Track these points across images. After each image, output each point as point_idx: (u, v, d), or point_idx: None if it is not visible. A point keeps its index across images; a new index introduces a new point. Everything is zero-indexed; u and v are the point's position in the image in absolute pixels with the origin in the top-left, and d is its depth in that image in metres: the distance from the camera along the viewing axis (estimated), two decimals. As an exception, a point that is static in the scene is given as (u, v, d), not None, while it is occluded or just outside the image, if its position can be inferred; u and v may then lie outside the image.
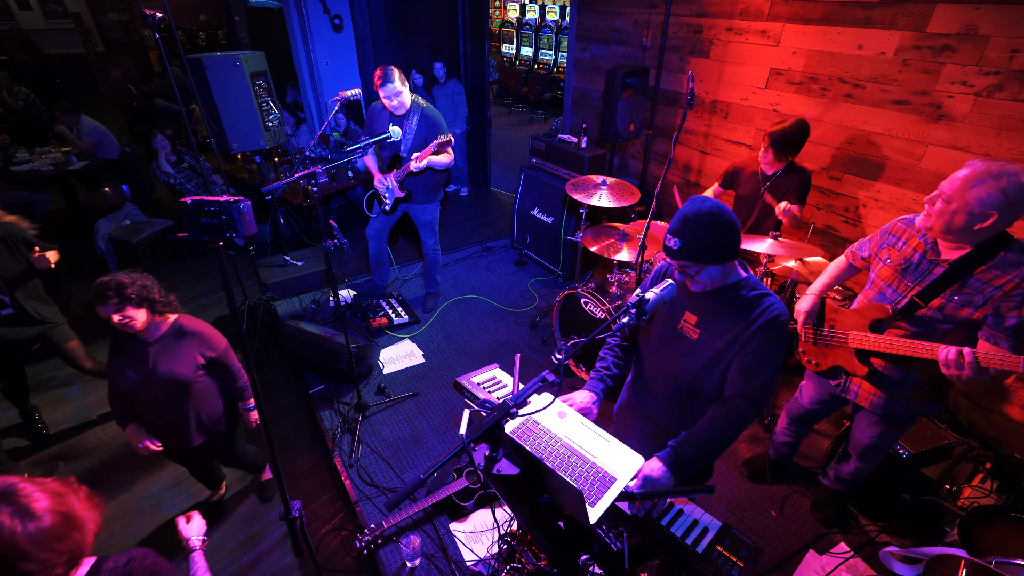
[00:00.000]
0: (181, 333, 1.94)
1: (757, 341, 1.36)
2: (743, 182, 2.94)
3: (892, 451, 2.31)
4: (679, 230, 1.32)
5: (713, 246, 1.31)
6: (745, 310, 1.38)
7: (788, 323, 1.38)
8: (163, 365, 1.90)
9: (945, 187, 1.50)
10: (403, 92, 3.00)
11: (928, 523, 2.24)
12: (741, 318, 1.38)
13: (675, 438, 1.47)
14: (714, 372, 1.45)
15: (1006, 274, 1.47)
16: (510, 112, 10.70)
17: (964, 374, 1.47)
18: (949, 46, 2.50)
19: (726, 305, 1.41)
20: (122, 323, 1.76)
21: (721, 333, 1.41)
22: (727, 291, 1.41)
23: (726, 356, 1.41)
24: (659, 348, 1.57)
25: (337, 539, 2.39)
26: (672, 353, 1.53)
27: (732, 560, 1.20)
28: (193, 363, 1.95)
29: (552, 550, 1.38)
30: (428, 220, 3.56)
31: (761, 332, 1.35)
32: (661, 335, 1.56)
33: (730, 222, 1.31)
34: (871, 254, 1.85)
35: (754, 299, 1.38)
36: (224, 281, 1.17)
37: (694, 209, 1.31)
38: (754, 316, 1.36)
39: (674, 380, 1.54)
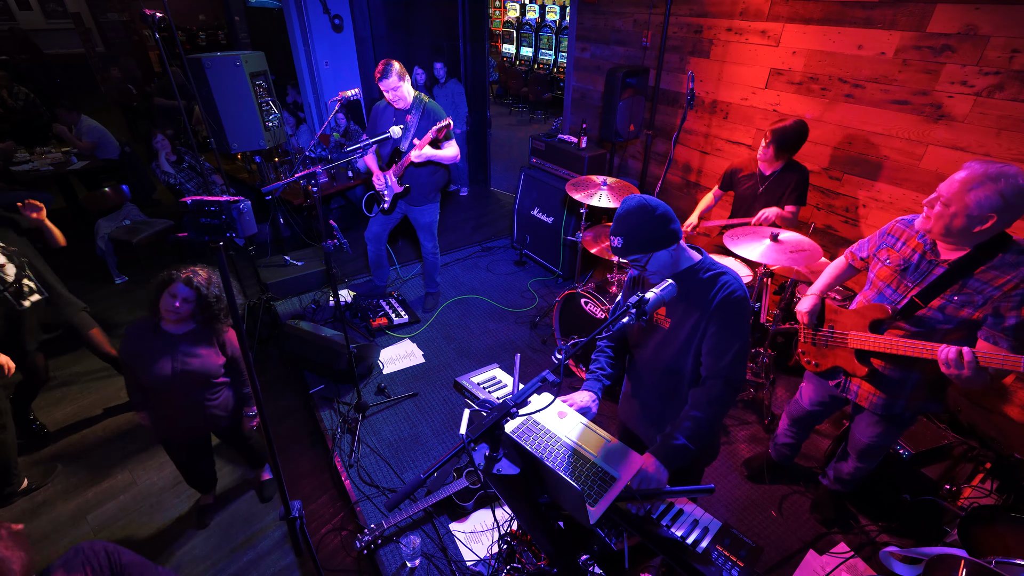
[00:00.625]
0: (207, 331, 2.05)
1: (718, 320, 1.41)
2: (741, 182, 2.94)
3: (892, 451, 2.31)
4: (617, 229, 1.41)
5: (648, 233, 1.39)
6: (703, 291, 1.43)
7: (746, 297, 1.42)
8: (194, 360, 1.99)
9: (943, 190, 1.50)
10: (402, 86, 2.99)
11: (928, 523, 2.24)
12: (701, 299, 1.43)
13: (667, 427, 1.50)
14: (688, 355, 1.50)
15: (1005, 274, 1.47)
16: (510, 112, 10.70)
17: (964, 374, 1.47)
18: (949, 46, 2.50)
19: (688, 289, 1.45)
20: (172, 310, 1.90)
21: (687, 317, 1.47)
22: (683, 276, 1.46)
23: (695, 338, 1.47)
24: (640, 341, 1.65)
25: (337, 539, 2.39)
26: (651, 344, 1.60)
27: (732, 560, 1.20)
28: (218, 358, 2.07)
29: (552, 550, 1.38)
30: (427, 223, 3.55)
31: (720, 310, 1.40)
32: (642, 330, 1.63)
33: (658, 209, 1.39)
34: (870, 255, 1.85)
35: (710, 280, 1.44)
36: (224, 281, 1.17)
37: (625, 207, 1.41)
38: (711, 295, 1.41)
39: (657, 368, 1.60)
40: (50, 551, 2.31)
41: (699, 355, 1.48)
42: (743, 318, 1.42)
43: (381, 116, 3.20)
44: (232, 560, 2.30)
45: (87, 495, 2.58)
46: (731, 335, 1.41)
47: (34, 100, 6.78)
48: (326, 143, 5.06)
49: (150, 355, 1.95)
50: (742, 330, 1.42)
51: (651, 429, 1.70)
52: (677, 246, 1.43)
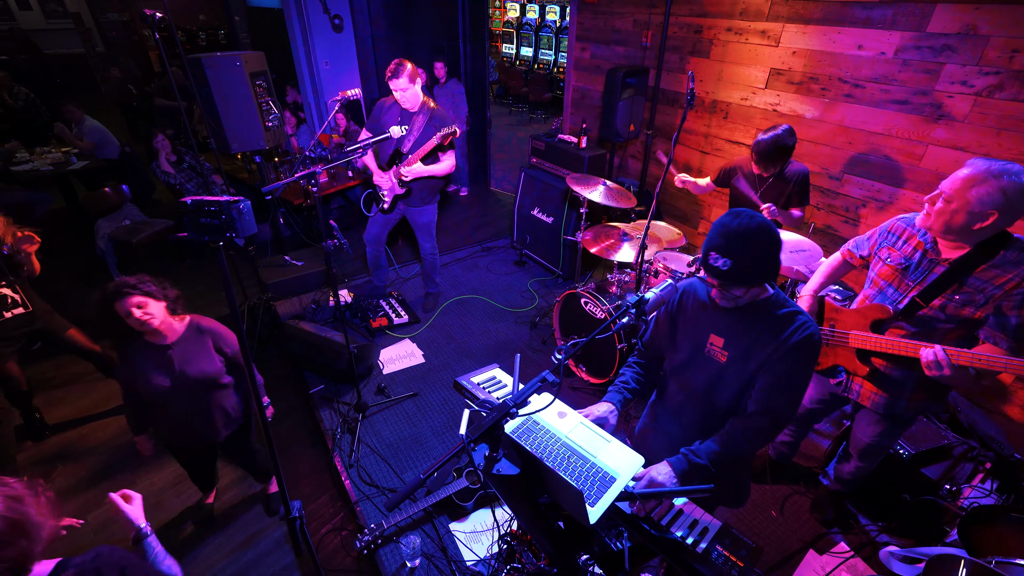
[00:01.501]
0: (200, 331, 1.97)
1: (787, 360, 1.30)
2: (740, 183, 2.93)
3: (892, 451, 2.31)
4: (726, 247, 1.21)
5: (767, 266, 1.23)
6: (777, 329, 1.31)
7: (820, 343, 1.33)
8: (192, 366, 1.91)
9: (945, 186, 1.50)
10: (411, 88, 2.97)
11: (928, 523, 2.24)
12: (773, 338, 1.31)
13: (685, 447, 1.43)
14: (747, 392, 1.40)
15: (1007, 273, 1.47)
16: (510, 112, 10.70)
17: (944, 373, 1.49)
18: (949, 46, 2.50)
19: (757, 324, 1.34)
20: (141, 319, 1.74)
21: (753, 354, 1.35)
22: (757, 308, 1.34)
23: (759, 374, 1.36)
24: (686, 373, 1.52)
25: (337, 539, 2.39)
26: (701, 378, 1.47)
27: (732, 560, 1.20)
28: (216, 360, 1.99)
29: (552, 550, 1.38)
30: (425, 223, 3.55)
31: (794, 351, 1.29)
32: (686, 360, 1.50)
33: (779, 239, 1.23)
34: (870, 253, 1.85)
35: (786, 317, 1.32)
36: (224, 281, 1.17)
37: (743, 224, 1.20)
38: (787, 335, 1.30)
39: (704, 405, 1.49)
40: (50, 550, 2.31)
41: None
42: (812, 362, 1.34)
43: (386, 113, 3.18)
44: (232, 560, 2.30)
45: (87, 495, 2.58)
46: (798, 378, 1.33)
47: (34, 100, 6.78)
48: (326, 143, 5.06)
49: (145, 371, 1.87)
50: (807, 375, 1.34)
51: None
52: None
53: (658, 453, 1.65)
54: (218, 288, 4.30)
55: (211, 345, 1.99)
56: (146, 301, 1.77)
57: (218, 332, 2.02)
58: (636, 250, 2.85)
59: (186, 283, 4.39)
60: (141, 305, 1.75)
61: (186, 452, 2.23)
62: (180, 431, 2.07)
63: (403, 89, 2.95)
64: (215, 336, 2.00)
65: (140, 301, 1.75)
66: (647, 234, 2.78)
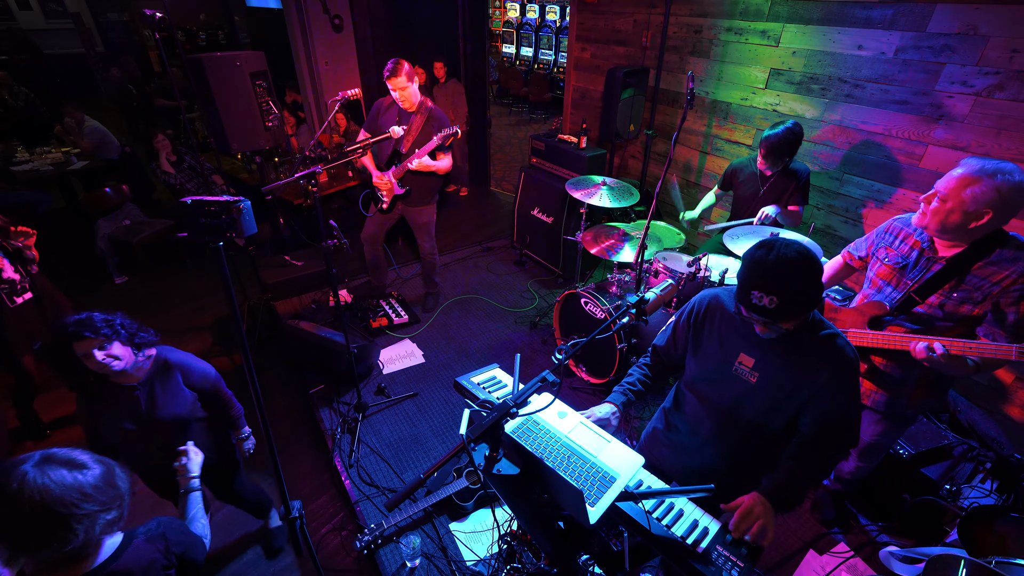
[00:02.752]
0: (167, 368, 1.76)
1: (836, 387, 1.28)
2: (742, 182, 2.94)
3: (892, 451, 2.31)
4: (770, 286, 1.13)
5: (812, 295, 1.16)
6: (816, 354, 1.28)
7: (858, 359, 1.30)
8: (162, 409, 1.72)
9: (940, 185, 1.51)
10: (410, 87, 2.97)
11: (928, 523, 2.24)
12: (811, 362, 1.28)
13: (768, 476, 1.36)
14: (778, 415, 1.36)
15: (1003, 270, 1.48)
16: (510, 112, 10.70)
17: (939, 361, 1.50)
18: (949, 46, 2.50)
19: (793, 348, 1.30)
20: (103, 362, 1.54)
21: (787, 375, 1.31)
22: (798, 334, 1.27)
23: (795, 399, 1.32)
24: (708, 389, 1.49)
25: (337, 539, 2.39)
26: (725, 395, 1.43)
27: (732, 560, 1.20)
28: (188, 397, 1.80)
29: (552, 550, 1.38)
30: (424, 223, 3.55)
31: (841, 377, 1.27)
32: (710, 375, 1.46)
33: (819, 263, 1.17)
34: (868, 253, 1.86)
35: (824, 340, 1.28)
36: (224, 281, 1.17)
37: (784, 257, 1.14)
38: (828, 361, 1.27)
39: (727, 421, 1.45)
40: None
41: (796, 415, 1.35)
42: (859, 385, 1.32)
43: (384, 114, 3.18)
44: (232, 559, 2.30)
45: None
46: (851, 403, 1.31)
47: (34, 100, 6.78)
48: (326, 143, 5.06)
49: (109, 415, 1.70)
50: (859, 398, 1.33)
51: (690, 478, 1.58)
52: None
53: (669, 460, 1.64)
54: (218, 288, 4.29)
55: (181, 381, 1.79)
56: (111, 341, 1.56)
57: (188, 366, 1.81)
58: (636, 250, 2.85)
59: (186, 283, 4.40)
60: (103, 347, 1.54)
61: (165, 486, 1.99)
62: (152, 471, 1.88)
63: (402, 88, 2.94)
64: (184, 371, 1.80)
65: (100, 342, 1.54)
66: (646, 234, 2.78)
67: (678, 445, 1.63)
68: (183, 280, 4.46)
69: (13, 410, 2.84)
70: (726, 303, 1.44)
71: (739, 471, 1.51)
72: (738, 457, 1.50)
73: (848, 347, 1.29)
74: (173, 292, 4.28)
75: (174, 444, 1.75)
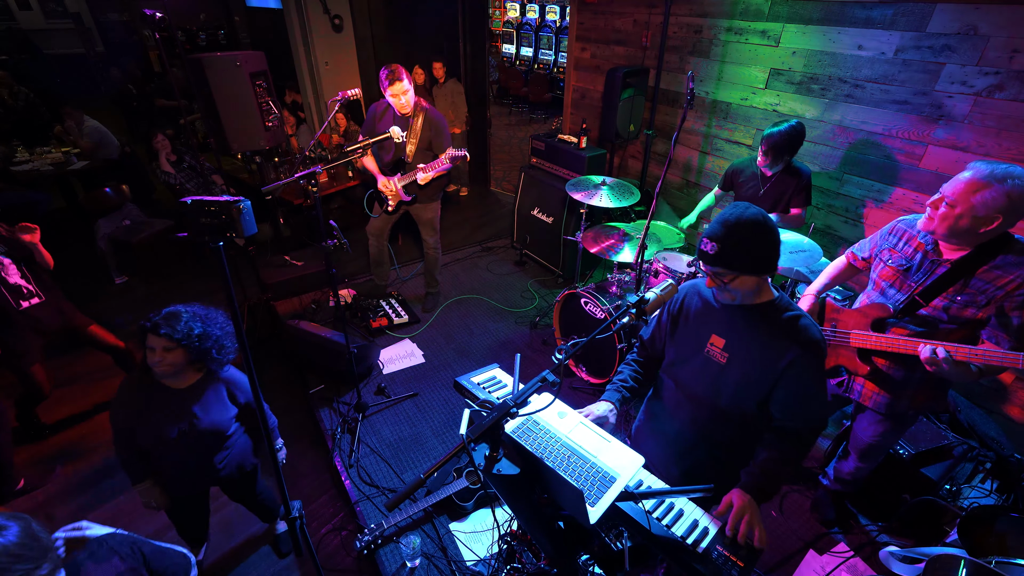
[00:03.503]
0: (216, 378, 1.80)
1: (801, 367, 1.30)
2: (743, 183, 2.94)
3: (892, 451, 2.31)
4: (718, 234, 1.26)
5: (753, 253, 1.25)
6: (781, 333, 1.32)
7: (823, 339, 1.33)
8: (205, 416, 1.74)
9: (947, 191, 1.50)
10: (410, 92, 3.00)
11: (928, 523, 2.24)
12: (777, 342, 1.32)
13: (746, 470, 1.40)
14: (749, 397, 1.39)
15: (1008, 274, 1.48)
16: (510, 112, 10.69)
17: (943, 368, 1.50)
18: (949, 46, 2.50)
19: (759, 327, 1.34)
20: (157, 362, 1.60)
21: (754, 358, 1.35)
22: (760, 311, 1.34)
23: (763, 381, 1.35)
24: (683, 373, 1.52)
25: (337, 539, 2.39)
26: (699, 378, 1.47)
27: (732, 560, 1.20)
28: (231, 410, 1.83)
29: (552, 550, 1.38)
30: (429, 219, 3.56)
31: (805, 357, 1.29)
32: (685, 359, 1.50)
33: (774, 232, 1.25)
34: (871, 255, 1.85)
35: (789, 321, 1.32)
36: (224, 281, 1.17)
37: (736, 214, 1.25)
38: (793, 340, 1.30)
39: (700, 405, 1.49)
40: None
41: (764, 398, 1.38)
42: (824, 366, 1.34)
43: (380, 120, 3.19)
44: (232, 559, 2.30)
45: (87, 495, 2.58)
46: (818, 383, 1.33)
47: (34, 100, 6.78)
48: (326, 143, 5.06)
49: (149, 416, 1.69)
50: (824, 379, 1.35)
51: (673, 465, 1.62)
52: (769, 277, 1.32)
53: (653, 450, 1.66)
54: (218, 288, 4.30)
55: (226, 393, 1.83)
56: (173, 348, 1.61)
57: (234, 380, 1.85)
58: (636, 250, 2.85)
59: (186, 283, 4.40)
60: (168, 348, 1.60)
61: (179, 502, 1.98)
62: (181, 482, 1.88)
63: (403, 93, 2.96)
64: (231, 384, 1.84)
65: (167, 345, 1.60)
66: (646, 234, 2.78)
67: (659, 433, 1.66)
68: (183, 280, 4.46)
69: (14, 410, 2.84)
70: (702, 290, 1.50)
71: (717, 457, 1.54)
72: (715, 442, 1.52)
73: (813, 327, 1.32)
74: (173, 292, 4.28)
75: (210, 454, 1.80)
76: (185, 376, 1.73)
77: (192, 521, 2.10)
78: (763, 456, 1.39)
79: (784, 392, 1.34)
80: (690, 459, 1.57)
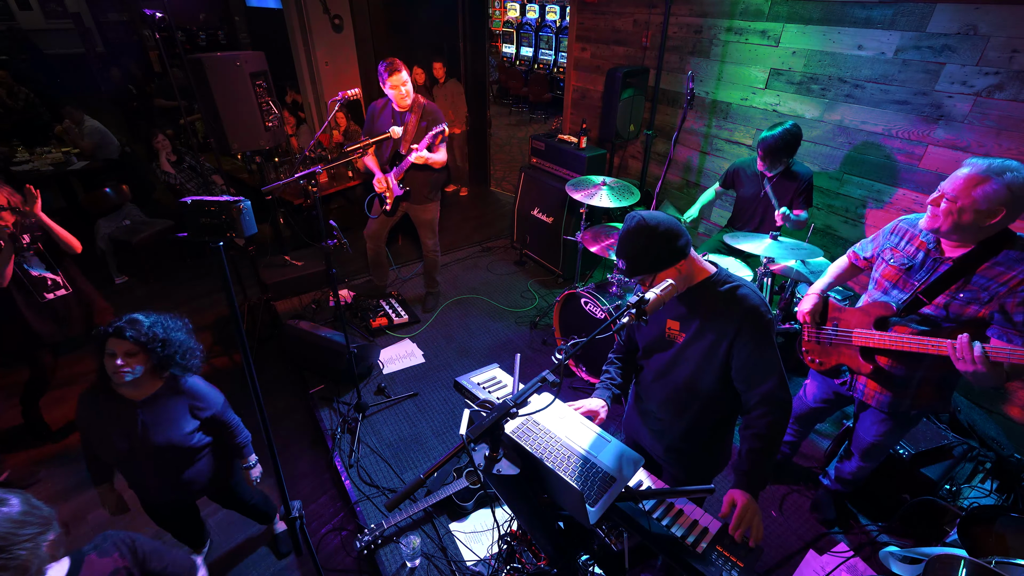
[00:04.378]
0: (176, 390, 1.71)
1: (747, 337, 1.35)
2: (744, 182, 2.94)
3: (892, 451, 2.31)
4: (620, 250, 1.39)
5: (652, 255, 1.34)
6: (723, 305, 1.38)
7: (768, 308, 1.38)
8: (158, 432, 1.65)
9: (947, 187, 1.50)
10: (409, 83, 3.01)
11: (928, 523, 2.24)
12: (720, 315, 1.38)
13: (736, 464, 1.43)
14: (707, 372, 1.45)
15: (1011, 270, 1.48)
16: (510, 112, 10.70)
17: (978, 370, 1.44)
18: (949, 46, 2.50)
19: (702, 303, 1.41)
20: (117, 368, 1.53)
21: (705, 332, 1.41)
22: (698, 289, 1.42)
23: (716, 354, 1.40)
24: (651, 357, 1.60)
25: (337, 539, 2.39)
26: (663, 360, 1.54)
27: (732, 560, 1.20)
28: (190, 424, 1.73)
29: (552, 550, 1.38)
30: (428, 220, 3.56)
31: (747, 327, 1.35)
32: (651, 345, 1.58)
33: (660, 225, 1.33)
34: (874, 255, 1.86)
35: (727, 293, 1.38)
36: (224, 281, 1.17)
37: (626, 228, 1.37)
38: (734, 311, 1.36)
39: (669, 384, 1.56)
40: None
41: (724, 375, 1.43)
42: (771, 331, 1.37)
43: (379, 118, 3.19)
44: (232, 560, 2.30)
45: (87, 495, 2.58)
46: (767, 353, 1.36)
47: (34, 100, 6.78)
48: (326, 143, 5.06)
49: (103, 426, 1.64)
50: (773, 344, 1.37)
51: (656, 443, 1.68)
52: (686, 260, 1.37)
53: (638, 430, 1.75)
54: (218, 288, 4.30)
55: (186, 407, 1.73)
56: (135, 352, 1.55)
57: (197, 393, 1.75)
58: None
59: (186, 283, 4.40)
60: (130, 353, 1.55)
61: (158, 512, 1.96)
62: (147, 493, 1.82)
63: (403, 84, 2.96)
64: (195, 396, 1.75)
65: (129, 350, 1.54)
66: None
67: (642, 413, 1.72)
68: (183, 280, 4.45)
69: (19, 407, 2.84)
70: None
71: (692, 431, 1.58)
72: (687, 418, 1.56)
73: (752, 295, 1.37)
74: (173, 292, 4.28)
75: (170, 469, 1.74)
76: (143, 386, 1.65)
77: (179, 529, 2.08)
78: (745, 448, 1.42)
79: (738, 361, 1.39)
80: (670, 435, 1.63)
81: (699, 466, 1.67)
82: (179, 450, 1.71)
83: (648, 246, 1.34)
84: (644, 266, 1.36)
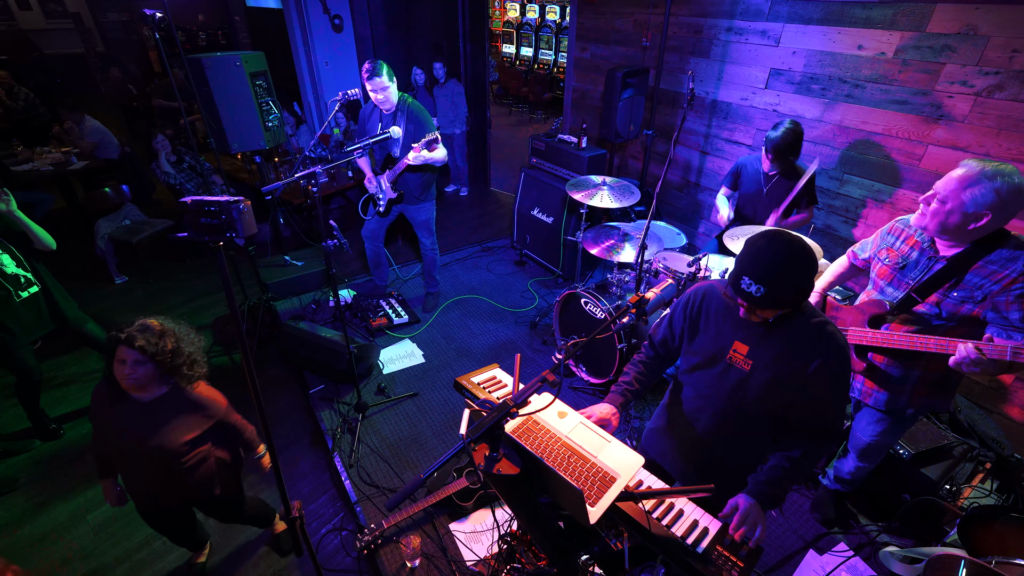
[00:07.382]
0: (180, 398, 1.73)
1: (827, 374, 1.28)
2: (747, 181, 2.94)
3: (892, 451, 2.31)
4: (761, 276, 1.17)
5: (797, 286, 1.20)
6: (807, 341, 1.29)
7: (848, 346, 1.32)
8: (153, 437, 1.67)
9: (940, 187, 1.52)
10: (390, 88, 2.98)
11: (928, 523, 2.24)
12: (805, 348, 1.29)
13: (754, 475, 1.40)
14: (772, 403, 1.37)
15: (1004, 269, 1.48)
16: (510, 112, 10.70)
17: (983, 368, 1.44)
18: (949, 46, 2.50)
19: (784, 334, 1.31)
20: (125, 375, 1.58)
21: (779, 365, 1.32)
22: (787, 320, 1.30)
23: (788, 387, 1.33)
24: (704, 378, 1.49)
25: (337, 539, 2.39)
26: (720, 384, 1.44)
27: (732, 560, 1.20)
28: (188, 433, 1.73)
29: (552, 550, 1.38)
30: (424, 220, 3.55)
31: (831, 365, 1.27)
32: (705, 365, 1.47)
33: (806, 252, 1.19)
34: (872, 255, 1.86)
35: (815, 328, 1.29)
36: (224, 281, 1.17)
37: (781, 252, 1.17)
38: (819, 348, 1.27)
39: (723, 410, 1.47)
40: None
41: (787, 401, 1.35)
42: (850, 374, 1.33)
43: (370, 120, 3.20)
44: (232, 560, 2.30)
45: (87, 495, 2.58)
46: (841, 391, 1.31)
47: (34, 100, 6.78)
48: (326, 143, 5.06)
49: (111, 424, 1.68)
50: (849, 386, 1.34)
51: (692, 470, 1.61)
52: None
53: (669, 455, 1.66)
54: (218, 288, 4.30)
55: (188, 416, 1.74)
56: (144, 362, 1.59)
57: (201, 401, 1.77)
58: (636, 250, 2.85)
59: (186, 283, 4.40)
60: (139, 362, 1.58)
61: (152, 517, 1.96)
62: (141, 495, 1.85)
63: (383, 88, 2.94)
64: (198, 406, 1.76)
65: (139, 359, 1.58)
66: (647, 234, 2.78)
67: (678, 438, 1.64)
68: (183, 280, 4.45)
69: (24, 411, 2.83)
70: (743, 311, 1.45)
71: (738, 462, 1.52)
72: (736, 448, 1.51)
73: (838, 334, 1.30)
74: (173, 292, 4.27)
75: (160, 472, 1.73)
76: (150, 388, 1.67)
77: (173, 531, 2.07)
78: (772, 463, 1.38)
79: (807, 398, 1.32)
80: (711, 465, 1.55)
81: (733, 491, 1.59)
82: (173, 456, 1.72)
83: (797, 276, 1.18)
84: (785, 297, 1.19)
